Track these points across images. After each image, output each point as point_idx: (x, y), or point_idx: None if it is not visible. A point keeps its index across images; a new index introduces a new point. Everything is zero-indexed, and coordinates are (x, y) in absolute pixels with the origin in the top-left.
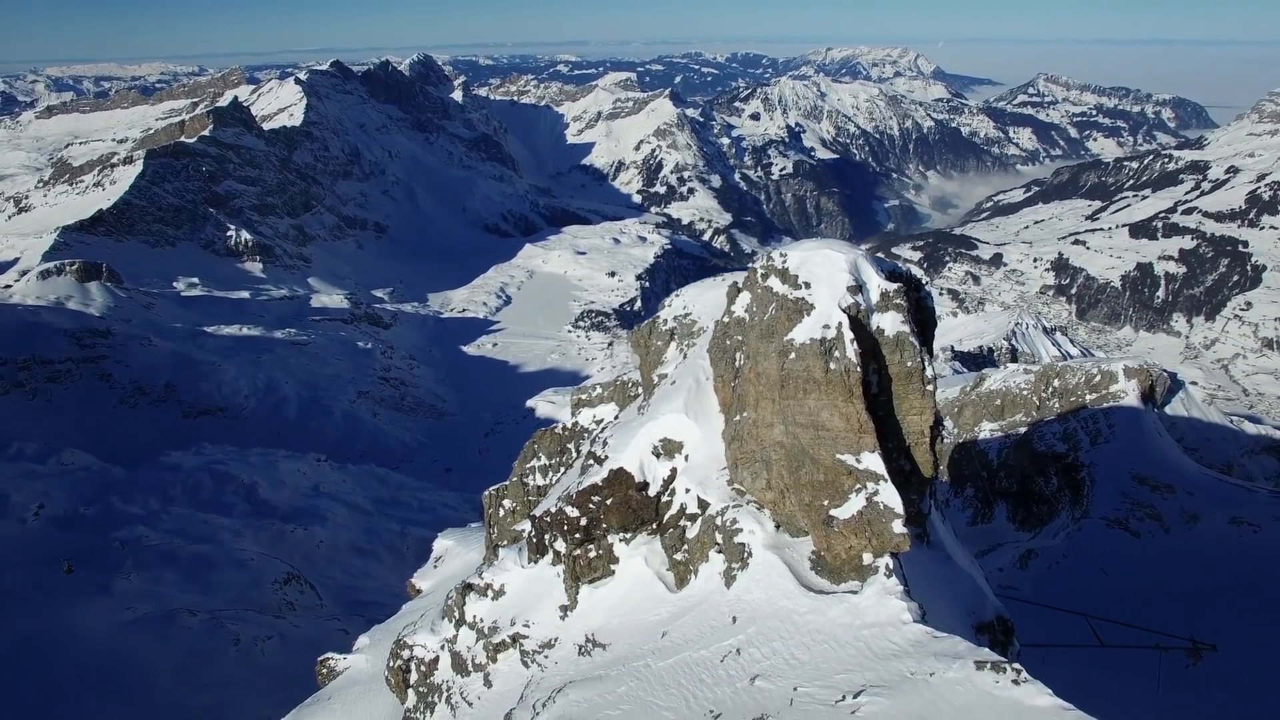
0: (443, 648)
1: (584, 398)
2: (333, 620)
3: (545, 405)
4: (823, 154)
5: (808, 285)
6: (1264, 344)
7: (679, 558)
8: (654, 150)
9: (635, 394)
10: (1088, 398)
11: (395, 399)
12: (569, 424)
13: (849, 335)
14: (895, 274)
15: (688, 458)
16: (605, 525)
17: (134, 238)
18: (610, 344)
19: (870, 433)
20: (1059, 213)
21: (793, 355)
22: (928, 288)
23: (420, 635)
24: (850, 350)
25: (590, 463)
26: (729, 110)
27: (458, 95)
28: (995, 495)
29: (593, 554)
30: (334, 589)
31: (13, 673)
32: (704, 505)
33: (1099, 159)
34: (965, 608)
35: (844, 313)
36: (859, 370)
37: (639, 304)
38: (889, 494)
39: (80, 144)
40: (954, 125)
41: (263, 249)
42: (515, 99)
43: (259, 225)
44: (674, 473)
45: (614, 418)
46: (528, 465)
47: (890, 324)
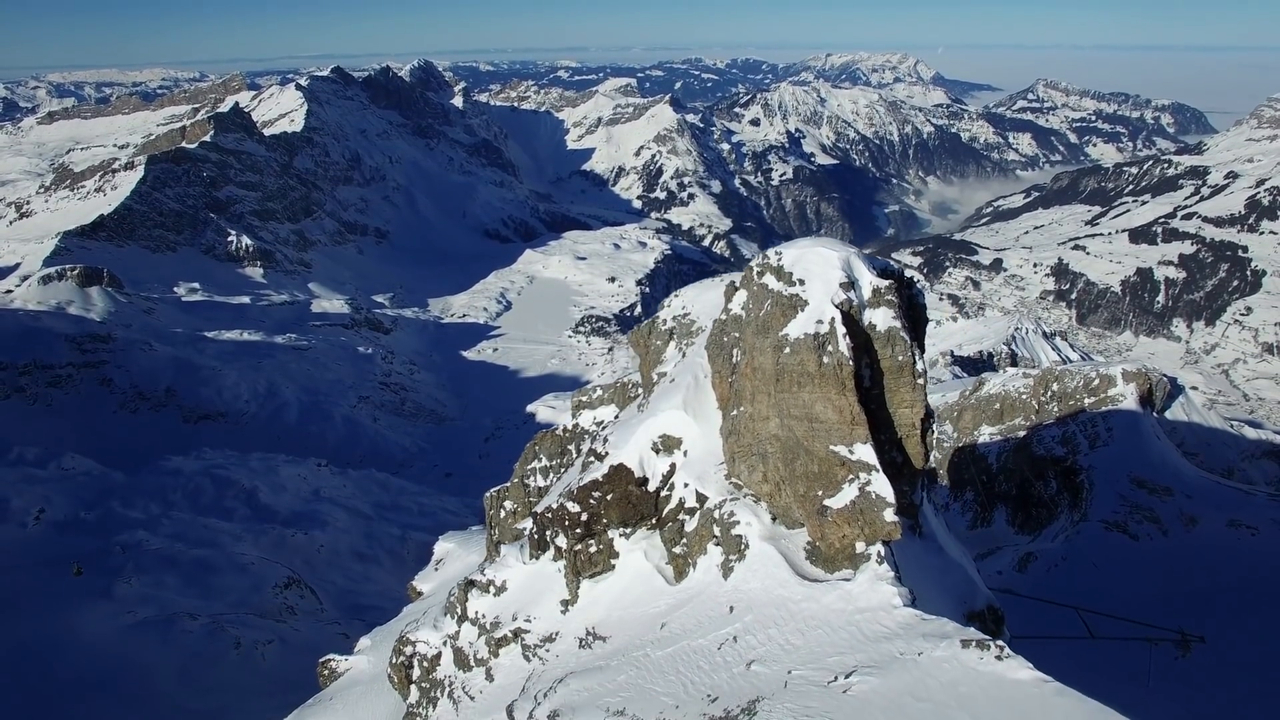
0: (445, 643)
1: (584, 399)
2: (333, 624)
3: (545, 410)
4: (823, 159)
5: (802, 282)
6: (1264, 349)
7: (678, 551)
8: (654, 156)
9: (635, 395)
10: (1086, 401)
11: (396, 404)
12: (569, 425)
13: (842, 330)
14: (887, 271)
15: (686, 453)
16: (606, 520)
17: (135, 243)
18: (610, 349)
19: (862, 424)
20: (1059, 218)
21: (787, 350)
22: (919, 285)
23: (423, 632)
24: (843, 345)
25: (591, 459)
26: (729, 116)
27: (458, 101)
28: (995, 499)
29: (593, 549)
30: (334, 593)
31: (14, 676)
32: (702, 499)
33: (1099, 164)
34: (957, 597)
35: (837, 308)
36: (851, 364)
37: (639, 309)
38: (881, 483)
39: (81, 149)
40: (954, 131)
41: (263, 254)
42: (516, 105)
43: (260, 230)
44: (673, 468)
45: (614, 419)
46: (529, 467)
47: (882, 319)
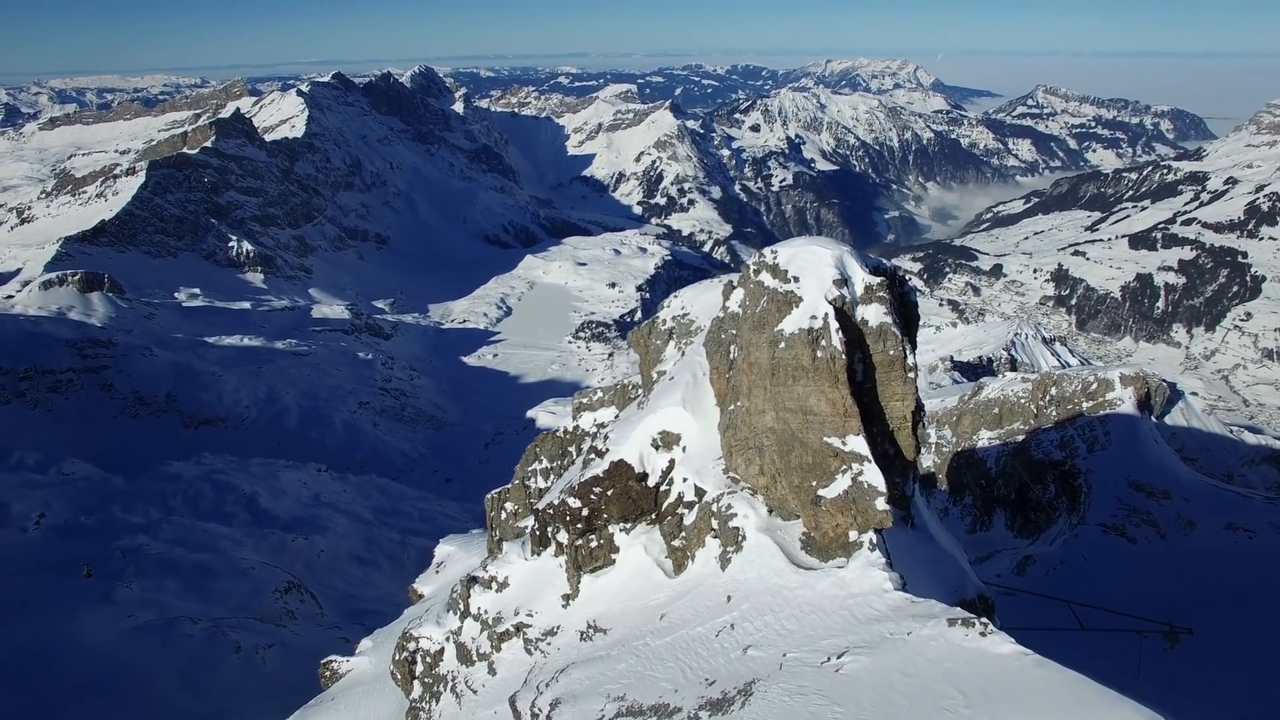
0: (448, 639)
1: (585, 401)
2: (333, 629)
3: (546, 416)
4: (823, 165)
5: (797, 279)
6: (1264, 354)
7: (677, 544)
8: (654, 162)
9: (635, 397)
10: (1084, 405)
11: (396, 409)
12: (570, 427)
13: (835, 325)
14: (879, 269)
15: (685, 449)
16: (606, 515)
17: (136, 248)
18: (610, 355)
19: (855, 416)
20: (1058, 224)
21: (783, 345)
22: (911, 283)
23: (426, 628)
24: (836, 339)
25: (592, 456)
26: (729, 122)
27: (459, 107)
28: (994, 503)
29: (594, 544)
30: (335, 598)
31: (14, 679)
32: (700, 493)
33: (1098, 170)
34: (949, 586)
35: (830, 304)
36: (844, 358)
37: (639, 315)
38: (872, 473)
39: (83, 155)
40: (953, 137)
41: (264, 260)
42: (516, 110)
43: (260, 236)
44: (672, 463)
45: (614, 419)
46: (529, 468)
47: (874, 315)
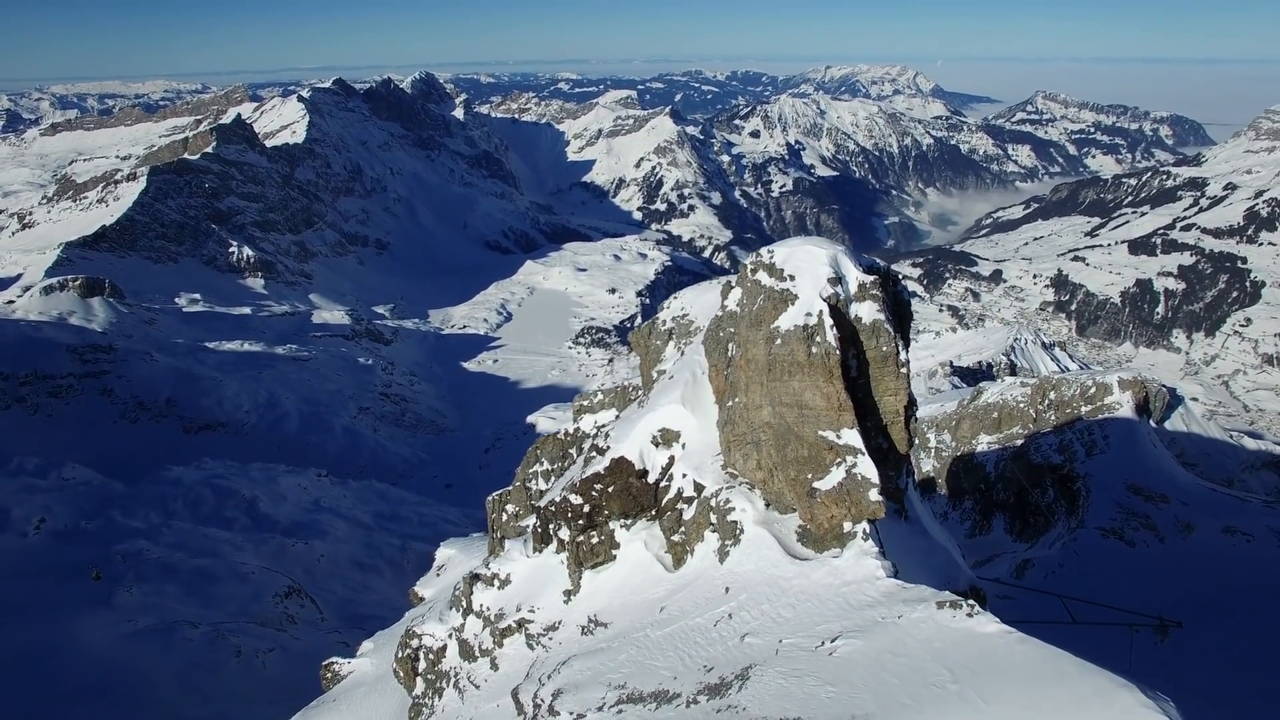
0: (450, 636)
1: (585, 403)
2: (333, 633)
3: (546, 421)
4: (822, 171)
5: (792, 278)
6: (1264, 360)
7: (676, 539)
8: (654, 167)
9: (635, 398)
10: (1083, 409)
11: (396, 415)
12: (571, 429)
13: (829, 322)
14: (872, 268)
15: (684, 446)
16: (607, 512)
17: (137, 254)
18: (610, 360)
19: (849, 410)
20: (1058, 229)
21: (779, 341)
22: (904, 283)
23: (429, 625)
24: (830, 335)
25: (593, 454)
26: (729, 128)
27: (459, 113)
28: (993, 507)
29: (595, 540)
30: (335, 603)
31: (15, 684)
32: (699, 488)
33: (1098, 176)
34: (941, 577)
35: (824, 302)
36: (838, 353)
37: (639, 320)
38: (866, 466)
39: (84, 161)
40: (953, 143)
41: (264, 265)
42: (516, 116)
43: (261, 241)
44: (672, 460)
45: (614, 420)
46: (530, 470)
47: (867, 312)
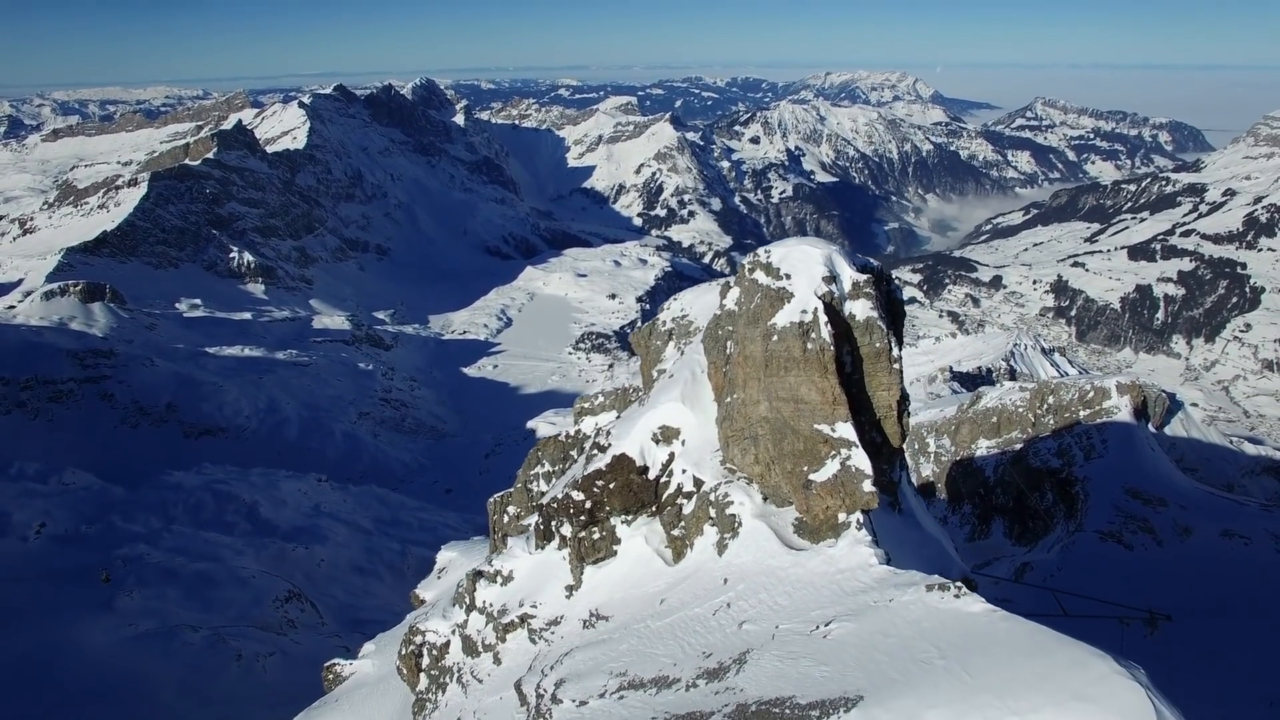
0: (454, 632)
1: (586, 406)
2: (334, 638)
3: (546, 427)
4: (822, 177)
5: (788, 276)
6: (1264, 365)
7: (676, 533)
8: (654, 173)
9: (635, 400)
10: (1082, 414)
11: (396, 420)
12: (572, 431)
13: (824, 319)
14: (866, 268)
15: (684, 442)
16: (609, 508)
17: (137, 259)
18: (611, 366)
19: (843, 404)
20: (1058, 235)
21: (775, 338)
22: (897, 281)
23: (432, 622)
24: (825, 332)
25: (595, 451)
26: (729, 134)
27: (460, 119)
28: (992, 511)
29: (596, 536)
30: (335, 607)
31: (16, 687)
32: (699, 484)
33: (1097, 182)
34: (934, 567)
35: (820, 299)
36: (833, 349)
37: (639, 326)
38: (860, 458)
39: (85, 166)
40: (953, 149)
41: (265, 270)
42: (517, 122)
43: (261, 247)
44: (672, 456)
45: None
46: (532, 472)
47: (861, 310)
